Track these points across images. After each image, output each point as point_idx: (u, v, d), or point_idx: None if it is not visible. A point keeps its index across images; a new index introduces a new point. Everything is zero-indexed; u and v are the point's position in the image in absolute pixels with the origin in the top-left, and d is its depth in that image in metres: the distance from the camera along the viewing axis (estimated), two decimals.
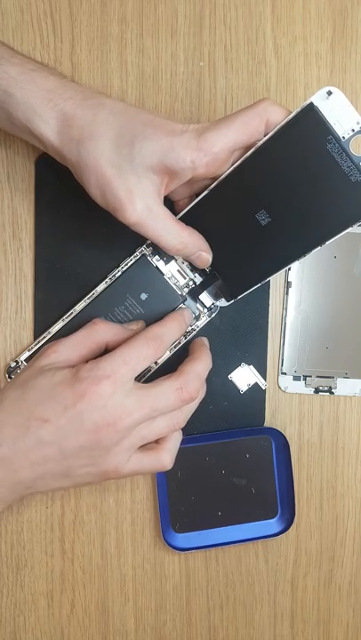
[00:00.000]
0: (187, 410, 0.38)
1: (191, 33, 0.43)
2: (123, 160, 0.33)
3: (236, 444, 0.45)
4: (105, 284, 0.42)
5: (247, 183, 0.36)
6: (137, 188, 0.34)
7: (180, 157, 0.33)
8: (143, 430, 0.36)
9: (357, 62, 0.44)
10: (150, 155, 0.33)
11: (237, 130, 0.33)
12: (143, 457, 0.37)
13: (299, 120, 0.34)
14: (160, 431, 0.37)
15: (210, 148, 0.33)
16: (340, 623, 0.47)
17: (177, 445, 0.38)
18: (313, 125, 0.33)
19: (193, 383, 0.37)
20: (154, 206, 0.35)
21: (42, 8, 0.42)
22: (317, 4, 0.44)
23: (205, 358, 0.39)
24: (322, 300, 0.45)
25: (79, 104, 0.34)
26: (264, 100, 0.34)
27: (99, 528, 0.45)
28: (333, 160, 0.34)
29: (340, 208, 0.35)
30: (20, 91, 0.33)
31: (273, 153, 0.35)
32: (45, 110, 0.34)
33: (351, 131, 0.33)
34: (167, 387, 0.36)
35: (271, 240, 0.37)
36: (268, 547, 0.46)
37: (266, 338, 0.45)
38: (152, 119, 0.34)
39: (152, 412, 0.35)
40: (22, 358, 0.42)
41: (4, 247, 0.43)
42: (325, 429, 0.46)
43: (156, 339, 0.36)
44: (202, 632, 0.46)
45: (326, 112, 0.33)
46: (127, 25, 0.43)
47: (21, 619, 0.45)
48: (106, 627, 0.46)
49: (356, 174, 0.34)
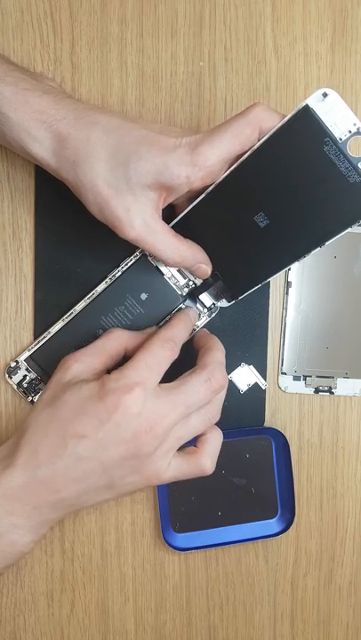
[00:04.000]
0: (217, 401, 0.37)
1: (191, 33, 0.43)
2: (119, 180, 0.34)
3: (236, 444, 0.45)
4: (105, 284, 0.42)
5: (244, 186, 0.36)
6: (134, 206, 0.34)
7: (175, 174, 0.33)
8: (179, 431, 0.35)
9: (357, 62, 0.44)
10: (145, 174, 0.33)
11: (230, 141, 0.33)
12: (182, 462, 0.36)
13: (294, 123, 0.33)
14: (196, 428, 0.36)
15: (204, 163, 0.33)
16: (340, 623, 0.47)
17: (217, 448, 0.38)
18: (309, 128, 0.33)
19: (219, 372, 0.36)
20: (151, 222, 0.35)
21: (42, 8, 0.42)
22: (317, 3, 0.44)
23: (219, 345, 0.39)
24: (322, 300, 0.45)
25: (72, 124, 0.34)
26: (256, 106, 0.34)
27: (99, 528, 0.45)
28: (331, 162, 0.34)
29: (338, 209, 0.35)
30: (14, 112, 0.34)
31: (269, 156, 0.35)
32: (40, 132, 0.34)
33: (348, 132, 0.33)
34: (195, 381, 0.36)
35: (270, 242, 0.37)
36: (268, 547, 0.46)
37: (266, 338, 0.45)
38: (145, 135, 0.34)
39: (186, 410, 0.35)
40: (22, 358, 0.42)
41: (4, 247, 0.43)
42: (325, 429, 0.46)
43: (169, 340, 0.36)
44: (202, 632, 0.46)
45: (322, 114, 0.33)
46: (127, 25, 0.43)
47: (21, 619, 0.45)
48: (106, 627, 0.46)
49: (354, 175, 0.34)
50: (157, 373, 0.35)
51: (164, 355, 0.36)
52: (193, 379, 0.36)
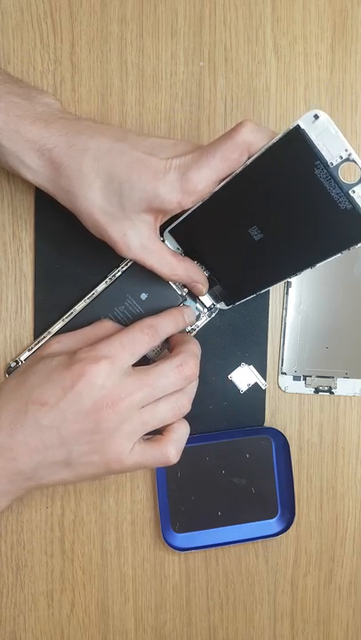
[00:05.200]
0: (189, 391, 0.37)
1: (191, 33, 0.43)
2: (114, 207, 0.35)
3: (236, 443, 0.45)
4: (105, 284, 0.42)
5: (238, 199, 0.35)
6: (131, 230, 0.36)
7: (167, 201, 0.34)
8: (145, 415, 0.35)
9: (357, 62, 0.44)
10: (138, 202, 0.34)
11: (217, 165, 0.33)
12: (147, 448, 0.36)
13: (285, 143, 0.32)
14: (163, 416, 0.36)
15: (194, 188, 0.34)
16: (340, 623, 0.47)
17: (183, 438, 0.37)
18: (300, 149, 0.32)
19: (192, 360, 0.36)
20: (149, 244, 0.36)
21: (42, 8, 0.42)
22: (317, 3, 0.44)
23: (195, 341, 0.39)
24: (322, 300, 0.45)
25: (64, 152, 0.34)
26: (243, 127, 0.33)
27: (99, 528, 0.45)
28: (322, 186, 0.32)
29: (328, 234, 0.34)
30: (7, 141, 0.34)
31: (259, 174, 0.34)
32: (33, 160, 0.34)
33: (339, 158, 0.31)
34: (167, 365, 0.36)
35: (264, 255, 0.37)
36: (268, 547, 0.46)
37: (266, 338, 0.45)
38: (136, 160, 0.34)
39: (153, 391, 0.35)
40: (22, 358, 0.42)
41: (4, 247, 0.43)
42: (325, 429, 0.46)
43: (150, 327, 0.37)
44: (202, 632, 0.46)
45: (314, 136, 0.31)
46: (127, 25, 0.43)
47: (21, 619, 0.45)
48: (106, 627, 0.46)
49: (344, 202, 0.32)
50: (130, 353, 0.35)
51: (142, 338, 0.36)
52: (165, 363, 0.36)
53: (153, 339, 0.37)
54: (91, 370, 0.33)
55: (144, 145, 0.35)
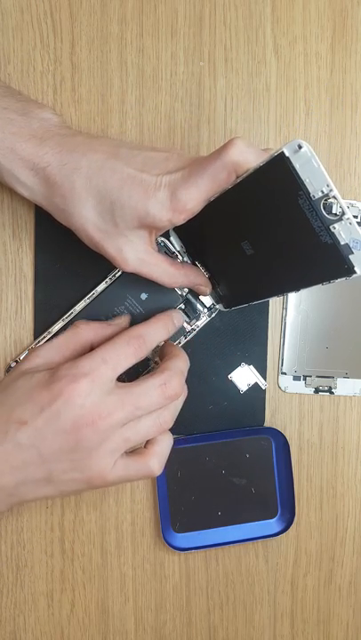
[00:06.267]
0: (173, 408, 0.36)
1: (191, 33, 0.43)
2: (108, 225, 0.35)
3: (236, 443, 0.45)
4: (105, 284, 0.42)
5: (230, 211, 0.35)
6: (126, 246, 0.36)
7: (158, 218, 0.34)
8: (127, 432, 0.34)
9: (357, 62, 0.44)
10: (130, 220, 0.35)
11: (206, 185, 0.33)
12: (129, 462, 0.35)
13: (271, 167, 0.31)
14: (146, 432, 0.35)
15: (183, 207, 0.34)
16: (340, 623, 0.47)
17: (166, 450, 0.37)
18: (284, 176, 0.30)
19: (177, 379, 0.36)
20: (145, 256, 0.37)
21: (42, 8, 0.42)
22: (317, 3, 0.44)
23: (183, 355, 0.38)
24: (322, 300, 0.45)
25: (57, 171, 0.34)
26: (232, 146, 0.33)
27: (99, 528, 0.45)
28: (304, 216, 0.31)
29: (309, 264, 0.33)
30: (3, 158, 0.35)
31: (247, 194, 0.33)
32: (28, 178, 0.35)
33: (321, 192, 0.30)
34: (150, 384, 0.35)
35: (256, 270, 0.36)
36: (268, 547, 0.46)
37: (266, 338, 0.45)
38: (127, 177, 0.34)
39: (135, 411, 0.34)
40: (22, 358, 0.42)
41: (4, 247, 0.43)
42: (325, 429, 0.46)
43: (137, 337, 0.36)
44: (202, 632, 0.46)
45: (298, 165, 0.30)
46: (127, 25, 0.43)
47: (21, 619, 0.45)
48: (106, 627, 0.46)
49: (325, 236, 0.31)
50: (113, 369, 0.34)
51: (127, 351, 0.35)
52: (148, 381, 0.35)
53: (139, 350, 0.36)
54: (69, 389, 0.33)
55: (135, 161, 0.35)
